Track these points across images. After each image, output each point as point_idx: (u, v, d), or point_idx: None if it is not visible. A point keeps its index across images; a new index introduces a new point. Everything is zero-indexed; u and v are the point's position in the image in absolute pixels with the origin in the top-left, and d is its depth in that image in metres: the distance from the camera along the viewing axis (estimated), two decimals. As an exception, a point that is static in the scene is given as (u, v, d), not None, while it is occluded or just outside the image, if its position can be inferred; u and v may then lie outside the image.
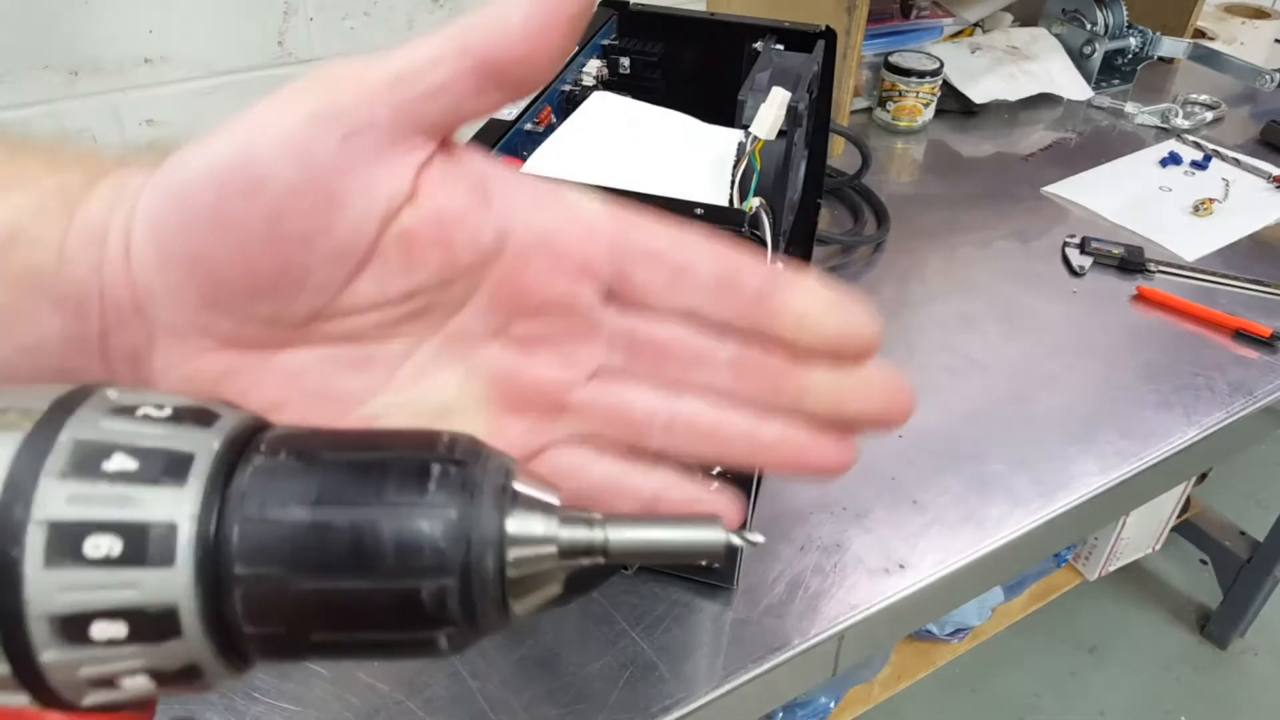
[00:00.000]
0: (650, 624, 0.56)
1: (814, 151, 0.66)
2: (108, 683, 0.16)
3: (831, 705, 1.21)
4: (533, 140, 0.53)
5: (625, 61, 0.64)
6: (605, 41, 0.64)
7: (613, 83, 0.62)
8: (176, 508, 0.16)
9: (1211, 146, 1.09)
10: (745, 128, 0.50)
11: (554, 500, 0.19)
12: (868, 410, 0.24)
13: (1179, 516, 1.49)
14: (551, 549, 0.18)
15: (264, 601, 0.16)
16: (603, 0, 0.65)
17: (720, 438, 0.24)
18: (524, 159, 0.51)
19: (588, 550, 0.19)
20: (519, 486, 0.18)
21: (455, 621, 0.17)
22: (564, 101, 0.59)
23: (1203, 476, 1.57)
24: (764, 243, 0.46)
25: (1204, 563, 1.57)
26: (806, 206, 0.68)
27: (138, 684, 0.17)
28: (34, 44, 0.82)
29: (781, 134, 0.51)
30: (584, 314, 0.24)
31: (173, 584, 0.16)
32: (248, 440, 0.17)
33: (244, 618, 0.16)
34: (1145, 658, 1.49)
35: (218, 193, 0.20)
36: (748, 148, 0.49)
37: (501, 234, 0.23)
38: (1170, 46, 1.21)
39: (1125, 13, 1.19)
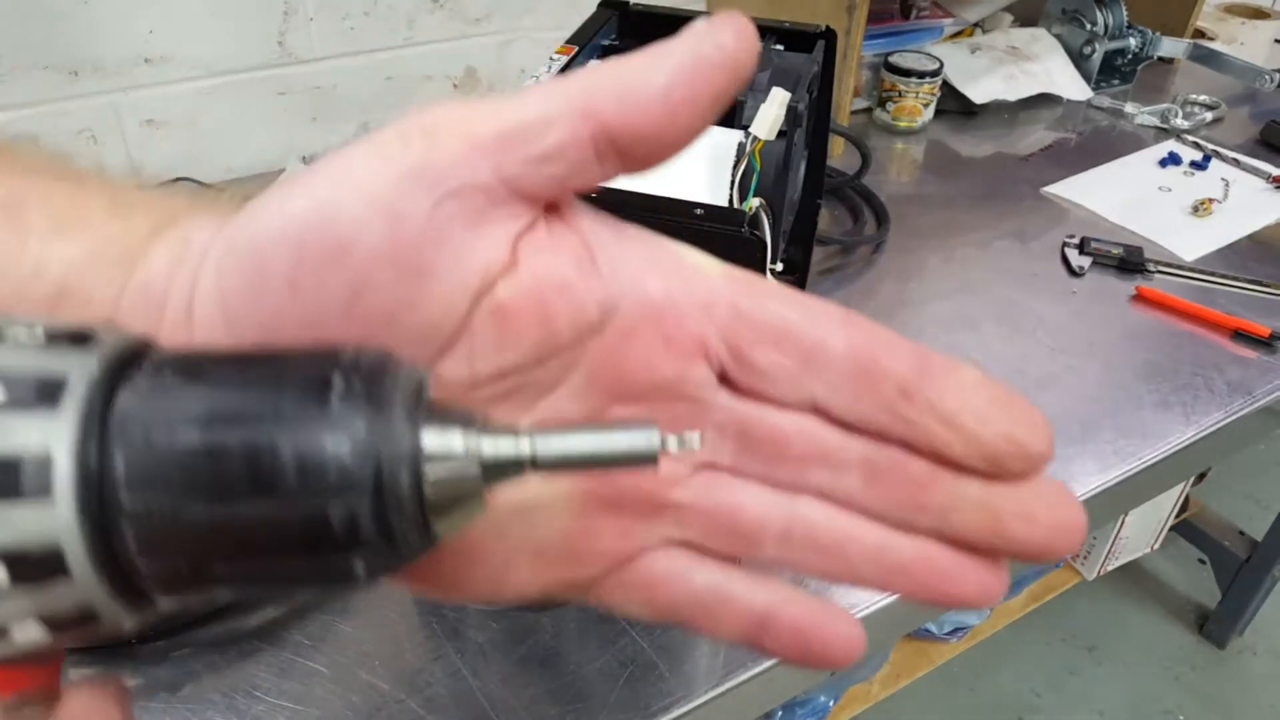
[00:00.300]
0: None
1: (814, 152, 0.66)
2: None
3: (831, 704, 1.21)
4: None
5: (625, 62, 0.64)
6: (605, 42, 0.64)
7: (613, 83, 0.62)
8: (51, 436, 0.14)
9: (1211, 147, 1.09)
10: (745, 128, 0.50)
11: (474, 411, 0.17)
12: (1030, 540, 0.20)
13: (1178, 516, 1.49)
14: (474, 465, 0.16)
15: (157, 533, 0.15)
16: (603, 1, 0.65)
17: (845, 555, 0.21)
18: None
19: (514, 463, 0.17)
20: (436, 395, 0.17)
21: (370, 544, 0.15)
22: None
23: (1201, 476, 1.57)
24: (763, 243, 0.46)
25: (1203, 562, 1.57)
26: (806, 207, 0.68)
27: (30, 632, 0.15)
28: (34, 44, 0.82)
29: (781, 134, 0.51)
30: (694, 397, 0.21)
31: (53, 519, 0.14)
32: (130, 361, 0.16)
33: (138, 552, 0.15)
34: (1144, 657, 1.49)
35: (295, 257, 0.18)
36: (747, 148, 0.49)
37: (608, 306, 0.20)
38: (1170, 47, 1.20)
39: (1125, 13, 1.19)
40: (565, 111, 0.18)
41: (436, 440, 0.16)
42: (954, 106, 1.15)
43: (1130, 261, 0.88)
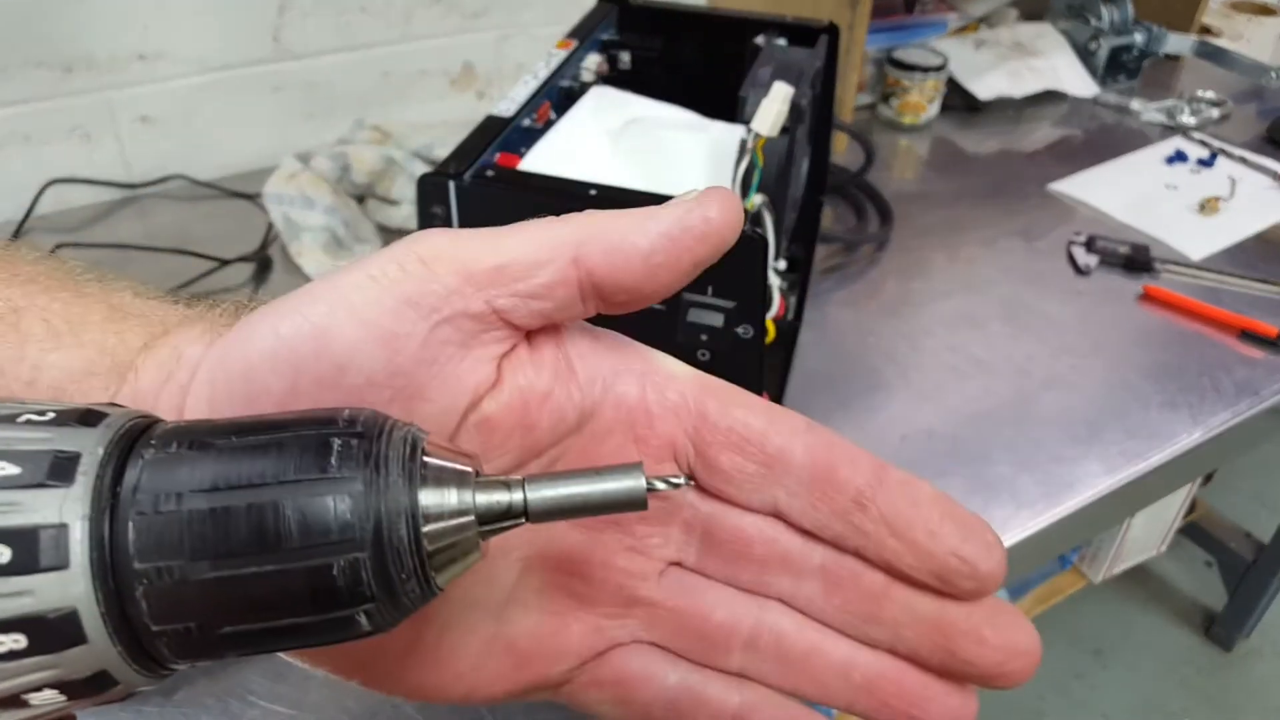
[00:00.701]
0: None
1: (817, 148, 0.65)
2: (14, 700, 0.16)
3: (833, 709, 1.21)
4: (531, 136, 0.52)
5: (626, 56, 0.63)
6: (605, 37, 0.63)
7: (613, 78, 0.61)
8: (66, 508, 0.15)
9: (1218, 144, 1.08)
10: (747, 124, 0.49)
11: (467, 466, 0.18)
12: (981, 661, 0.21)
13: (1184, 518, 1.48)
14: (469, 517, 0.17)
15: (168, 597, 0.15)
16: (602, -5, 0.64)
17: (811, 669, 0.21)
18: (522, 155, 0.50)
19: (507, 513, 0.18)
20: (429, 457, 0.18)
21: (373, 597, 0.16)
22: (563, 97, 0.58)
23: (1208, 478, 1.56)
24: (765, 240, 0.45)
25: (1209, 565, 1.56)
26: (809, 204, 0.67)
27: (46, 698, 0.16)
28: (27, 41, 0.81)
29: (784, 131, 0.50)
30: (664, 495, 0.22)
31: (69, 587, 0.15)
32: (138, 436, 0.17)
33: (150, 616, 0.15)
34: (1150, 660, 1.49)
35: (290, 379, 0.18)
36: (749, 144, 0.48)
37: (585, 412, 0.21)
38: (1176, 43, 1.20)
39: (1130, 9, 1.19)
40: (556, 256, 0.20)
41: (433, 495, 0.17)
42: (958, 103, 1.14)
43: (1137, 260, 0.87)
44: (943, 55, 1.09)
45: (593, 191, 0.45)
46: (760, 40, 0.61)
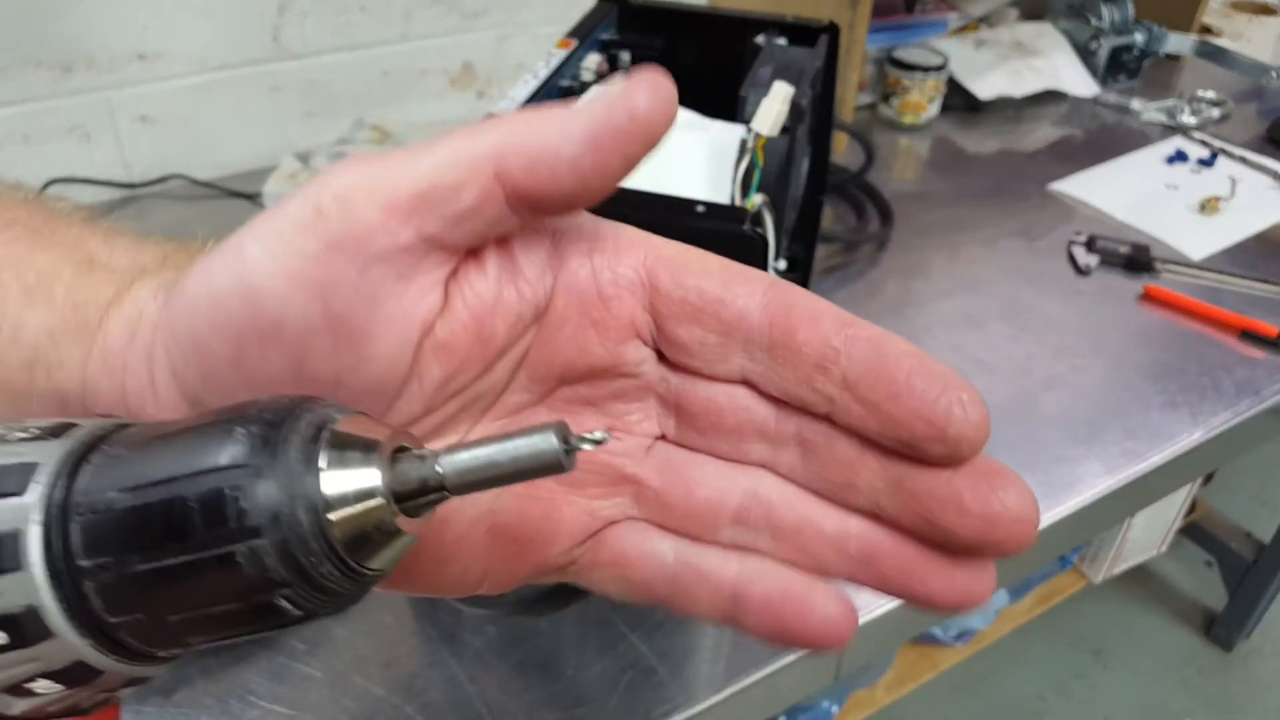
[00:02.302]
0: (650, 627, 0.55)
1: (817, 148, 0.65)
2: (18, 689, 0.17)
3: (834, 710, 1.21)
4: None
5: (626, 56, 0.63)
6: (605, 36, 0.63)
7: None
8: (20, 515, 0.17)
9: (1218, 144, 1.08)
10: (747, 123, 0.49)
11: (380, 443, 0.18)
12: (962, 531, 0.19)
13: (1185, 518, 1.48)
14: (377, 498, 0.17)
15: (112, 589, 0.17)
16: (602, -6, 0.64)
17: (803, 542, 0.20)
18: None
19: (422, 489, 0.18)
20: (344, 429, 0.18)
21: (286, 582, 0.16)
22: (562, 97, 0.58)
23: (1209, 478, 1.56)
24: (765, 240, 0.45)
25: (1210, 565, 1.56)
26: (809, 204, 0.67)
27: (47, 687, 0.17)
28: (26, 40, 0.81)
29: (784, 130, 0.50)
30: (633, 374, 0.21)
31: (28, 586, 0.16)
32: (96, 444, 0.18)
33: (103, 609, 0.17)
34: (1150, 660, 1.48)
35: (233, 342, 0.18)
36: (749, 144, 0.48)
37: (539, 306, 0.20)
38: (1176, 43, 1.19)
39: (1131, 8, 1.18)
40: (477, 173, 0.18)
41: (335, 477, 0.17)
42: (959, 102, 1.14)
43: (1137, 260, 0.87)
44: (943, 55, 1.09)
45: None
46: (760, 40, 0.61)
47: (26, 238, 0.21)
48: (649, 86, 0.18)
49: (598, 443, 0.18)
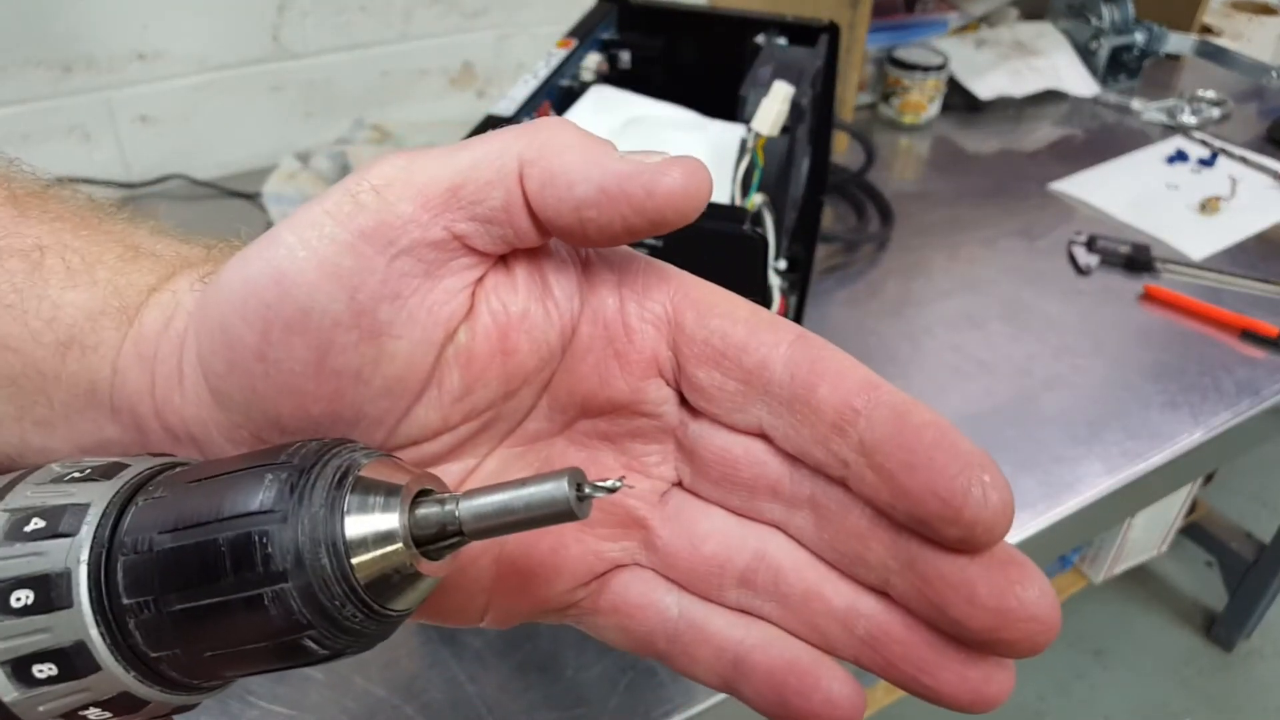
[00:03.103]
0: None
1: (817, 148, 0.65)
2: (72, 716, 0.18)
3: (834, 707, 1.20)
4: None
5: (626, 56, 0.63)
6: (605, 36, 0.63)
7: (613, 78, 0.61)
8: (72, 555, 0.18)
9: (1218, 144, 1.08)
10: (747, 123, 0.49)
11: (402, 482, 0.18)
12: (970, 623, 0.17)
13: (1185, 518, 1.48)
14: (397, 542, 0.18)
15: (153, 626, 0.17)
16: (602, -6, 0.64)
17: (811, 614, 0.19)
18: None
19: (441, 534, 0.18)
20: (369, 475, 0.18)
21: (311, 624, 0.17)
22: (563, 97, 0.58)
23: (1209, 478, 1.56)
24: (766, 240, 0.45)
25: (1210, 565, 1.56)
26: (809, 203, 0.67)
27: (96, 715, 0.18)
28: (26, 40, 0.81)
29: (784, 130, 0.50)
30: (653, 414, 0.20)
31: (76, 623, 0.17)
32: (145, 484, 0.19)
33: (145, 644, 0.18)
34: (1151, 660, 1.48)
35: (260, 330, 0.18)
36: (750, 144, 0.48)
37: (565, 330, 0.20)
38: (1176, 42, 1.19)
39: (1131, 8, 1.18)
40: (505, 175, 0.18)
41: (358, 522, 0.18)
42: (959, 102, 1.14)
43: (1138, 260, 0.87)
44: (943, 55, 1.09)
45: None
46: (760, 39, 0.61)
47: (73, 225, 0.21)
48: (684, 172, 0.18)
49: (610, 490, 0.18)
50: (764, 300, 0.45)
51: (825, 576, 0.19)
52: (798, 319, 0.71)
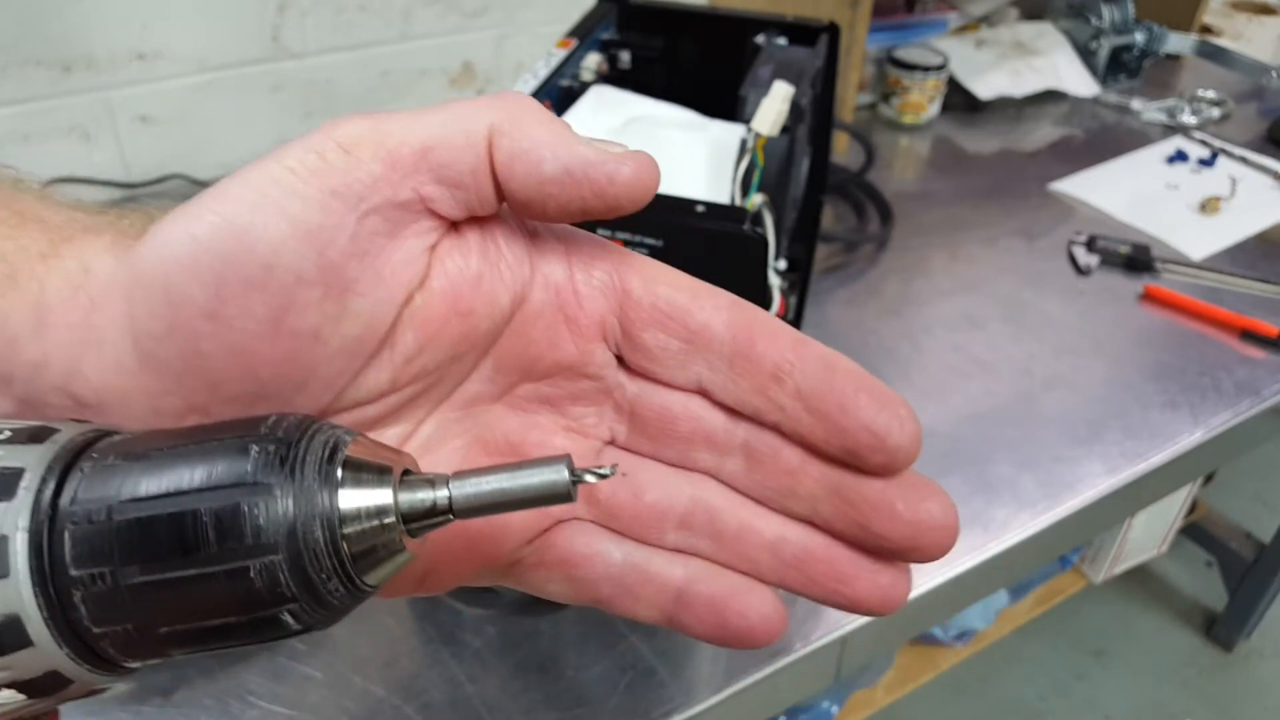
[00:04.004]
0: (650, 628, 0.55)
1: (817, 148, 0.65)
2: None
3: (834, 710, 1.20)
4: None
5: (625, 56, 0.63)
6: (605, 36, 0.63)
7: (612, 78, 0.61)
8: (7, 521, 0.16)
9: (1219, 144, 1.08)
10: (747, 123, 0.49)
11: (391, 465, 0.18)
12: (892, 536, 0.20)
13: (1185, 518, 1.48)
14: (390, 518, 0.18)
15: (104, 600, 0.16)
16: (602, -6, 0.64)
17: (743, 546, 0.21)
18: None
19: (431, 512, 0.18)
20: (353, 453, 0.18)
21: (294, 598, 0.17)
22: (563, 97, 0.58)
23: (1209, 478, 1.56)
24: (765, 240, 0.45)
25: (1210, 565, 1.56)
26: (809, 203, 0.67)
27: (8, 697, 0.17)
28: (25, 40, 0.81)
29: (784, 130, 0.50)
30: (596, 376, 0.22)
31: (12, 594, 0.16)
32: (82, 450, 0.18)
33: (90, 619, 0.17)
34: (1151, 661, 1.48)
35: (214, 287, 0.18)
36: (750, 144, 0.48)
37: (518, 294, 0.21)
38: (1177, 42, 1.19)
39: (1131, 8, 1.18)
40: (474, 142, 0.19)
41: (351, 496, 0.17)
42: (959, 102, 1.14)
43: (1138, 260, 0.87)
44: (943, 55, 1.09)
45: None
46: (760, 39, 0.61)
47: None
48: (635, 166, 0.19)
49: (603, 477, 0.19)
50: (764, 300, 0.45)
51: (756, 512, 0.22)
52: (798, 319, 0.71)
